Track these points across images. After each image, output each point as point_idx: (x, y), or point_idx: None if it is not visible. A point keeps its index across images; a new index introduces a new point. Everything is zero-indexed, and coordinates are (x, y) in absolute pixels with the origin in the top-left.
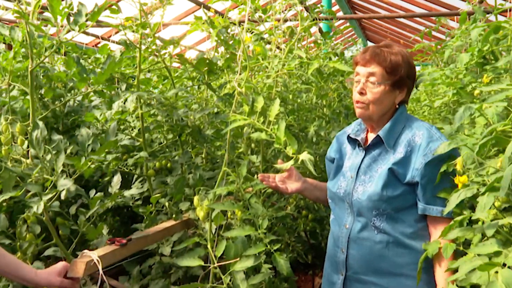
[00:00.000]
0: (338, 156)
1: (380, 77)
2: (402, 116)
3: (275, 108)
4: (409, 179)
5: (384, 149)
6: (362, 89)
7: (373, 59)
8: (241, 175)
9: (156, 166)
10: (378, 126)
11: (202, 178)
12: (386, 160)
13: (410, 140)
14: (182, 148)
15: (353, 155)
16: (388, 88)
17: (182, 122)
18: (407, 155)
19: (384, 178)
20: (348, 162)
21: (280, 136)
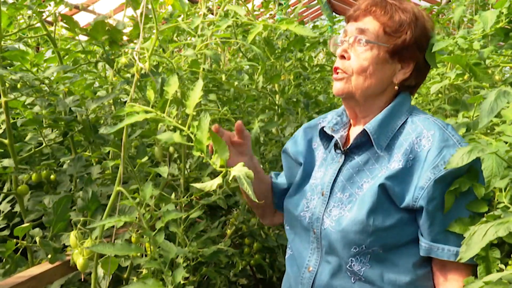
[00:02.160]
0: (305, 160)
1: (373, 36)
2: (404, 106)
3: (196, 94)
4: (408, 203)
5: (374, 153)
6: (344, 50)
7: (369, 10)
8: (144, 197)
9: (32, 179)
10: (365, 115)
11: (96, 197)
12: (376, 170)
13: (413, 143)
14: (74, 152)
15: (326, 161)
16: (383, 55)
17: (71, 115)
18: (407, 165)
19: (371, 199)
20: (319, 172)
21: (201, 138)
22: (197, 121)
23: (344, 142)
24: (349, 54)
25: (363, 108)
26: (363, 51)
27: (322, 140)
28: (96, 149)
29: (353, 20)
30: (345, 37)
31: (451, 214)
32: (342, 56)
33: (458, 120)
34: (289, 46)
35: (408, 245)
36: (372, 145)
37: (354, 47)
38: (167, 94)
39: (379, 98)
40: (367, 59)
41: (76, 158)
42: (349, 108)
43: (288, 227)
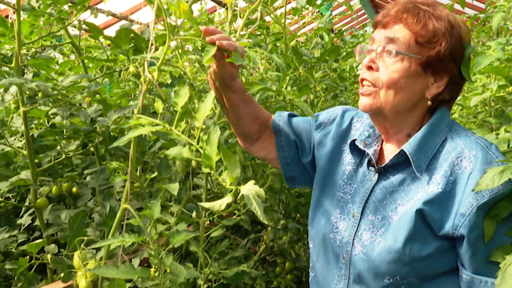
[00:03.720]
0: (328, 158)
1: (404, 46)
2: (443, 122)
3: (206, 106)
4: (448, 231)
5: (410, 173)
6: (372, 60)
7: (400, 17)
8: (152, 215)
9: (52, 192)
10: (396, 132)
11: (115, 213)
12: (412, 192)
13: (453, 164)
14: (99, 163)
15: (357, 176)
16: (415, 67)
17: (92, 125)
18: (447, 189)
19: (408, 226)
20: (349, 187)
21: (210, 154)
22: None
23: (377, 158)
24: (377, 65)
25: (394, 125)
26: (392, 63)
27: (353, 152)
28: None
29: (381, 27)
30: (372, 45)
31: (494, 243)
32: (370, 67)
33: (499, 135)
34: (323, 56)
35: (447, 275)
36: (409, 164)
37: (383, 58)
38: (176, 106)
39: (411, 114)
40: (397, 71)
41: (99, 170)
42: (378, 124)
43: (312, 245)
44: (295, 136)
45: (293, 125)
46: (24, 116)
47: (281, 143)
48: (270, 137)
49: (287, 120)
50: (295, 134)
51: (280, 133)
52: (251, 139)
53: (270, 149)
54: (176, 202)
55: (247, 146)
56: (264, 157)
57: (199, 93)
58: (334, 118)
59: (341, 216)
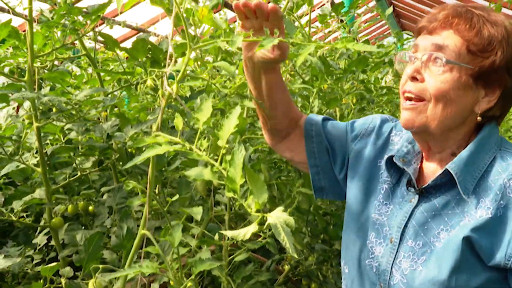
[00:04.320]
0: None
1: (454, 54)
2: (492, 139)
3: (231, 123)
4: (500, 261)
5: (455, 195)
6: (417, 70)
7: (450, 22)
8: (173, 243)
9: (68, 211)
10: (440, 150)
11: (132, 234)
12: (457, 217)
13: (504, 187)
14: (116, 181)
15: (395, 197)
16: (466, 79)
17: (109, 141)
18: (497, 214)
19: (454, 255)
20: (385, 207)
21: (234, 176)
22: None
23: (417, 178)
24: (422, 76)
25: (438, 142)
26: (440, 73)
27: (390, 170)
28: (135, 179)
29: (427, 32)
30: (416, 53)
31: None
32: (414, 77)
33: None
34: (351, 67)
35: None
36: (453, 185)
37: (429, 67)
38: (197, 122)
39: (458, 130)
40: (446, 82)
41: (116, 188)
42: (420, 140)
43: (347, 270)
44: (329, 144)
45: (328, 130)
46: (38, 132)
47: (313, 149)
48: (299, 138)
49: (321, 125)
50: (329, 141)
51: (312, 138)
52: (279, 136)
53: (298, 151)
54: (196, 222)
55: (274, 143)
56: (291, 158)
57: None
58: (372, 130)
59: (377, 240)
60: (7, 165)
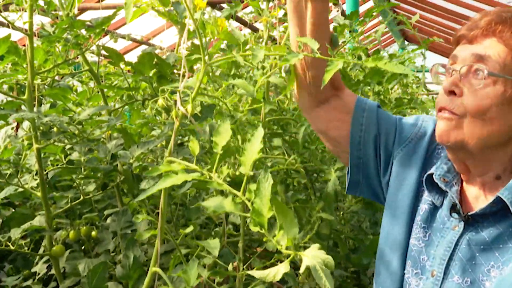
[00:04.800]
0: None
1: (498, 65)
2: None
3: (254, 147)
4: None
5: (509, 229)
6: (455, 83)
7: (493, 29)
8: (188, 282)
9: (69, 238)
10: (481, 172)
11: (140, 264)
12: (510, 251)
13: None
14: (120, 203)
15: (436, 221)
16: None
17: (113, 162)
18: None
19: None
20: (424, 231)
21: (260, 209)
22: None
23: (460, 201)
24: (461, 89)
25: (479, 163)
26: (482, 86)
27: (430, 188)
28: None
29: (467, 41)
30: (454, 65)
31: None
32: (451, 91)
33: None
34: (366, 78)
35: None
36: (505, 215)
37: (469, 80)
38: (216, 146)
39: (502, 150)
40: (488, 97)
41: (121, 212)
42: (457, 160)
43: None
44: (379, 136)
45: (382, 121)
46: (38, 153)
47: (359, 138)
48: (339, 112)
49: (376, 111)
50: (380, 133)
51: (361, 126)
52: (316, 98)
53: (336, 126)
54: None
55: (308, 106)
56: (324, 131)
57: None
58: (423, 135)
59: (414, 270)
60: (5, 189)
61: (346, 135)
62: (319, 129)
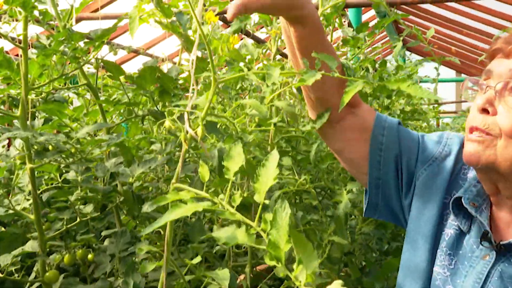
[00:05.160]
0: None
1: None
2: None
3: (269, 173)
4: None
5: None
6: (489, 101)
7: None
8: None
9: (64, 262)
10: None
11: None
12: None
13: None
14: (119, 224)
15: (463, 249)
16: None
17: (112, 182)
18: None
19: None
20: (449, 259)
21: (277, 241)
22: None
23: (490, 227)
24: (495, 108)
25: (508, 187)
26: None
27: (457, 213)
28: (142, 226)
29: (503, 56)
30: (488, 80)
31: None
32: (485, 109)
33: None
34: (375, 92)
35: None
36: None
37: (504, 98)
38: (227, 172)
39: None
40: None
41: (119, 233)
42: (487, 181)
43: None
44: (401, 156)
45: (403, 139)
46: (31, 174)
47: (378, 158)
48: (357, 130)
49: (396, 129)
50: (402, 153)
51: (381, 145)
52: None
53: (353, 146)
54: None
55: (322, 126)
56: (340, 151)
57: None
58: (448, 154)
59: None
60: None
61: (365, 155)
62: (336, 149)
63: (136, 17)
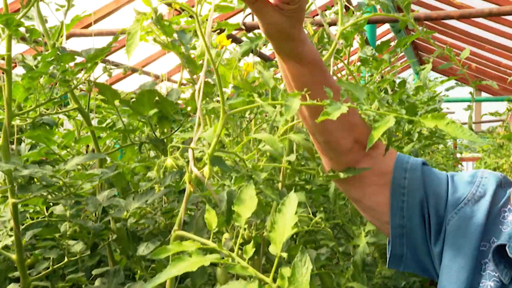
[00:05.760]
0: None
1: None
2: None
3: (288, 220)
4: None
5: None
6: None
7: None
8: None
9: None
10: None
11: None
12: None
13: None
14: (112, 261)
15: None
16: None
17: (104, 217)
18: None
19: None
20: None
21: None
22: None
23: None
24: None
25: None
26: None
27: (498, 263)
28: (137, 266)
29: None
30: None
31: None
32: None
33: None
34: None
35: None
36: None
37: None
38: (238, 219)
39: None
40: None
41: (112, 272)
42: None
43: None
44: (427, 199)
45: (429, 181)
46: (14, 209)
47: (401, 204)
48: (373, 175)
49: (421, 171)
50: (428, 197)
51: (403, 189)
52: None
53: (372, 193)
54: None
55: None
56: (358, 200)
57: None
58: (482, 195)
59: None
60: None
61: (386, 201)
62: (353, 197)
63: (136, 33)
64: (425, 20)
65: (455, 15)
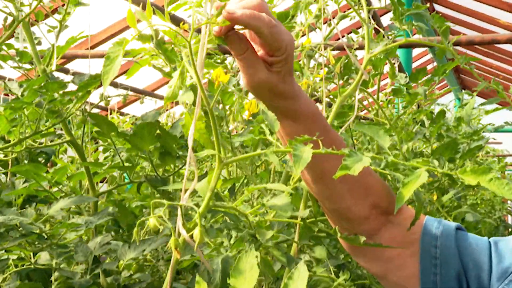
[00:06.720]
0: None
1: None
2: None
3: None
4: None
5: None
6: None
7: None
8: None
9: None
10: None
11: None
12: None
13: None
14: None
15: None
16: None
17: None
18: None
19: None
20: None
21: None
22: None
23: None
24: None
25: None
26: None
27: None
28: None
29: None
30: None
31: None
32: None
33: None
34: (435, 154)
35: None
36: None
37: None
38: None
39: None
40: None
41: None
42: None
43: None
44: (463, 268)
45: (465, 250)
46: None
47: (434, 278)
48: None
49: (454, 238)
50: (464, 264)
51: (436, 260)
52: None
53: (396, 267)
54: None
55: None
56: (383, 275)
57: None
58: None
59: None
60: None
61: (415, 273)
62: (376, 273)
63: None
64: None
65: (501, 39)
